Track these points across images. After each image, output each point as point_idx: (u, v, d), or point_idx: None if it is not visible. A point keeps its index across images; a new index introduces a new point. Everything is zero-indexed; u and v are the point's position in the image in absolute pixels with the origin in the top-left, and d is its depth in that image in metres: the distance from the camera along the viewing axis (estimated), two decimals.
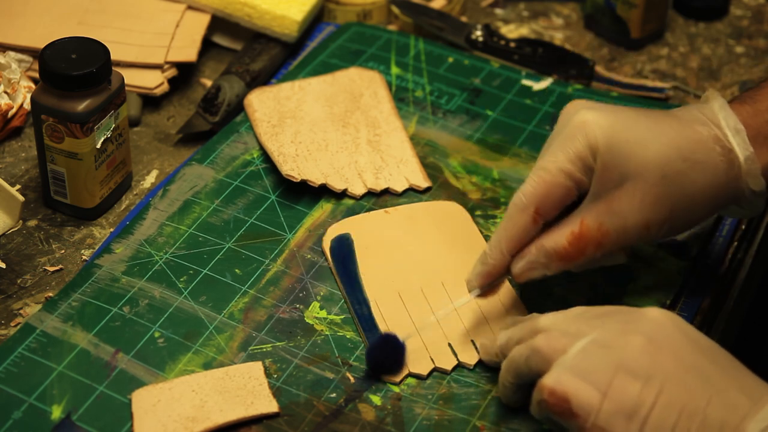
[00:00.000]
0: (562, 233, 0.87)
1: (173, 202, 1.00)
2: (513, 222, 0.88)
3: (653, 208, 0.87)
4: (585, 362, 0.77)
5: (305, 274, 0.95)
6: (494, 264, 0.89)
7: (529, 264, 0.88)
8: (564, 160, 0.86)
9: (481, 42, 1.20)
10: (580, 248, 0.87)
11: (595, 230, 0.87)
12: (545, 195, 0.87)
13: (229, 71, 1.13)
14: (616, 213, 0.86)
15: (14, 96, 1.07)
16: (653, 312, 0.79)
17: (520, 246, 0.88)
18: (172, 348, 0.89)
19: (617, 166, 0.86)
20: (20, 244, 0.98)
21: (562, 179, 0.86)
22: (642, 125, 0.87)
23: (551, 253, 0.88)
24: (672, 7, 1.29)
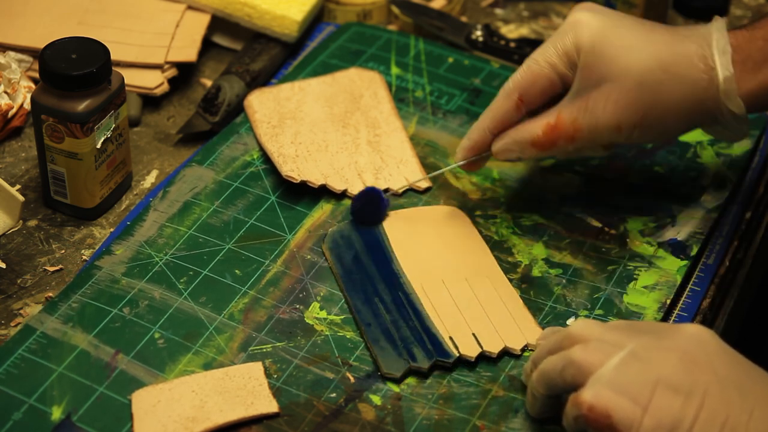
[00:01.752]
0: (539, 122, 0.94)
1: (173, 204, 1.00)
2: (498, 105, 0.96)
3: (626, 111, 0.92)
4: (624, 376, 0.76)
5: (305, 275, 0.95)
6: (477, 140, 0.97)
7: (506, 145, 0.96)
8: (552, 54, 0.94)
9: (481, 42, 1.20)
10: (552, 139, 0.94)
11: (569, 124, 0.93)
12: (530, 83, 0.94)
13: (229, 71, 1.13)
14: (590, 110, 0.92)
15: (14, 96, 1.07)
16: (690, 327, 0.79)
17: (502, 128, 0.96)
18: (172, 349, 0.89)
19: (598, 66, 0.91)
20: (20, 244, 0.98)
21: (547, 71, 0.94)
22: (632, 33, 0.92)
23: (526, 138, 0.95)
24: (672, 7, 1.28)
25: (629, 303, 0.94)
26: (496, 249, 0.98)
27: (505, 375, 0.89)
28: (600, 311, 0.93)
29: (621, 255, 0.98)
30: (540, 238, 0.99)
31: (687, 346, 0.77)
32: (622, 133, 0.93)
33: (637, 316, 0.93)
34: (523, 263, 0.97)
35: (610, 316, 0.93)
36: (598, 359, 0.77)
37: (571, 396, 0.78)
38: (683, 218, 1.01)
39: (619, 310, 0.93)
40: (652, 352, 0.77)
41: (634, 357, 0.77)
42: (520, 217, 1.01)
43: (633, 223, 1.01)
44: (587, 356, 0.78)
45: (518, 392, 0.87)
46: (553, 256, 0.98)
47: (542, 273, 0.97)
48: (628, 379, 0.76)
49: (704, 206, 1.02)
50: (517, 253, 0.98)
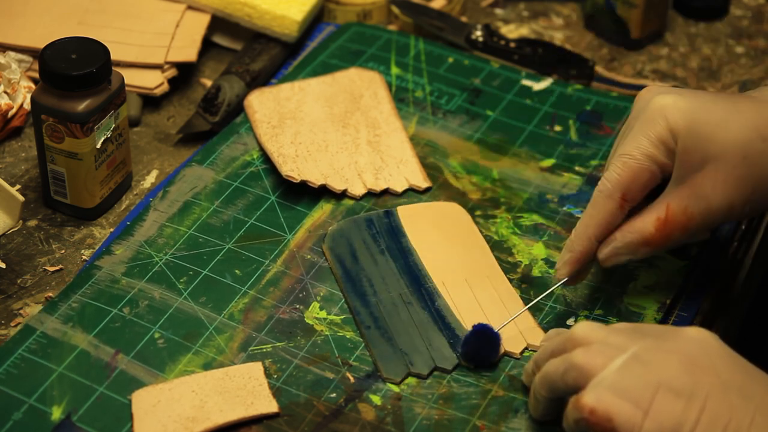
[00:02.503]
0: (648, 219, 0.89)
1: (173, 204, 1.00)
2: (599, 209, 0.90)
3: (736, 189, 0.88)
4: (625, 379, 0.76)
5: (305, 275, 0.95)
6: (581, 251, 0.91)
7: (615, 250, 0.90)
8: (647, 145, 0.88)
9: (481, 42, 1.20)
10: (666, 233, 0.89)
11: (681, 214, 0.88)
12: (631, 180, 0.89)
13: (229, 71, 1.13)
14: (700, 196, 0.88)
15: (14, 96, 1.07)
16: (692, 331, 0.78)
17: (607, 232, 0.90)
18: (172, 349, 0.89)
19: (698, 148, 0.87)
20: (20, 244, 0.98)
21: (647, 164, 0.88)
22: (720, 107, 0.88)
23: (639, 239, 0.89)
24: (672, 7, 1.29)
25: (629, 303, 0.94)
26: (496, 249, 0.98)
27: (505, 375, 0.89)
28: (600, 311, 0.93)
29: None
30: (540, 238, 0.99)
31: (689, 349, 0.77)
32: (734, 212, 0.89)
33: (638, 316, 0.93)
34: (523, 263, 0.97)
35: (610, 317, 0.93)
36: (600, 362, 0.77)
37: (572, 398, 0.78)
38: None
39: (619, 310, 0.93)
40: (654, 355, 0.77)
41: (636, 360, 0.77)
42: (520, 217, 1.01)
43: None
44: (589, 359, 0.78)
45: (518, 392, 0.87)
46: (553, 256, 0.98)
47: (542, 273, 0.97)
48: (630, 383, 0.76)
49: None
50: (517, 253, 0.98)
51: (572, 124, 1.11)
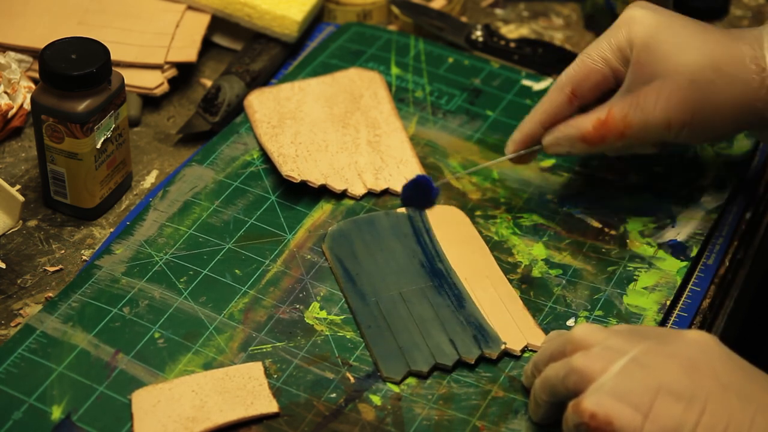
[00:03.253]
0: (589, 117, 0.95)
1: (173, 203, 1.00)
2: (550, 98, 0.96)
3: (676, 109, 0.92)
4: (625, 383, 0.76)
5: (305, 275, 0.95)
6: (528, 132, 0.98)
7: (556, 138, 0.97)
8: (605, 49, 0.94)
9: (481, 42, 1.20)
10: (602, 134, 0.94)
11: (619, 120, 0.93)
12: (583, 77, 0.95)
13: (229, 71, 1.13)
14: (641, 107, 0.92)
15: (14, 96, 1.07)
16: (693, 333, 0.79)
17: (554, 122, 0.97)
18: (172, 348, 0.89)
19: (650, 63, 0.92)
20: (20, 244, 0.98)
21: (601, 65, 0.94)
22: (686, 31, 0.93)
23: (576, 133, 0.95)
24: (672, 8, 1.28)
25: (629, 304, 0.94)
26: (496, 249, 0.98)
27: (505, 376, 0.89)
28: (600, 312, 0.93)
29: (621, 256, 0.98)
30: (540, 239, 0.99)
31: (689, 352, 0.77)
32: (671, 131, 0.93)
33: (637, 317, 0.93)
34: (523, 264, 0.97)
35: (610, 317, 0.93)
36: (600, 366, 0.77)
37: (572, 403, 0.78)
38: (683, 219, 1.01)
39: (619, 311, 0.93)
40: (654, 358, 0.77)
41: (635, 363, 0.77)
42: (520, 217, 1.01)
43: (633, 223, 1.01)
44: (589, 363, 0.78)
45: (518, 393, 0.87)
46: (553, 257, 0.98)
47: (542, 273, 0.97)
48: (630, 386, 0.76)
49: (704, 207, 1.02)
50: (517, 254, 0.98)
51: None
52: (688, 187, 1.04)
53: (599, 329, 0.80)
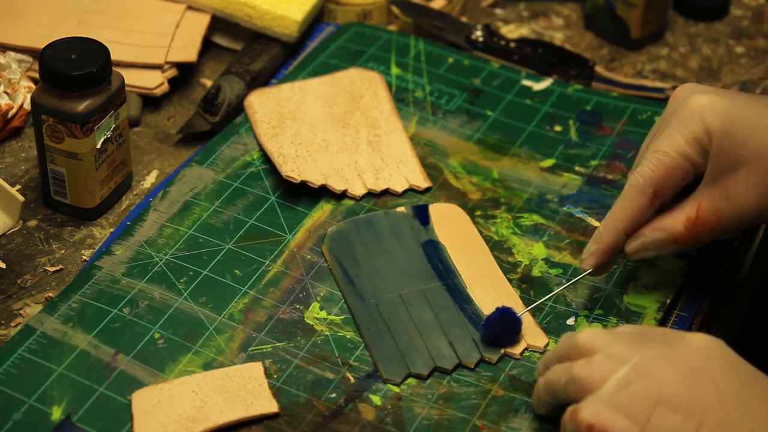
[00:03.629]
0: (678, 217, 0.90)
1: (173, 204, 1.00)
2: (630, 203, 0.90)
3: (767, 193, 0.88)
4: (623, 394, 0.76)
5: (305, 275, 0.95)
6: (609, 243, 0.91)
7: (643, 246, 0.91)
8: (682, 143, 0.88)
9: (481, 42, 1.20)
10: (695, 233, 0.90)
11: (711, 215, 0.89)
12: (664, 177, 0.89)
13: (229, 71, 1.13)
14: (731, 198, 0.88)
15: (14, 96, 1.07)
16: (697, 338, 0.78)
17: (636, 226, 0.91)
18: (172, 349, 0.89)
19: (733, 150, 0.87)
20: (20, 244, 0.98)
21: (681, 161, 0.89)
22: (757, 111, 0.89)
23: (667, 237, 0.90)
24: (672, 7, 1.29)
25: (629, 303, 0.94)
26: (496, 249, 0.98)
27: (505, 375, 0.89)
28: (600, 311, 0.93)
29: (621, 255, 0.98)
30: (540, 238, 0.99)
31: (691, 359, 0.77)
32: (764, 215, 0.89)
33: (637, 316, 0.93)
34: (523, 263, 0.97)
35: (610, 316, 0.93)
36: (600, 376, 0.77)
37: (571, 409, 0.78)
38: None
39: (619, 309, 0.93)
40: (655, 367, 0.76)
41: (636, 373, 0.76)
42: (520, 217, 1.01)
43: None
44: (589, 373, 0.78)
45: (518, 392, 0.87)
46: (553, 256, 0.98)
47: (542, 273, 0.97)
48: (628, 397, 0.76)
49: None
50: (517, 253, 0.98)
51: (572, 124, 1.11)
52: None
53: (604, 334, 0.80)
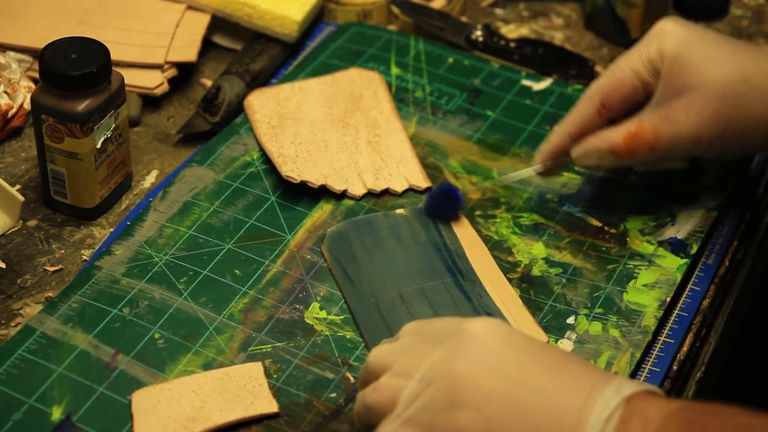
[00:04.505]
0: (620, 130, 0.94)
1: (173, 204, 1.00)
2: (579, 109, 0.96)
3: (707, 122, 0.91)
4: (414, 407, 0.75)
5: (305, 275, 0.95)
6: (556, 144, 0.97)
7: (585, 151, 0.96)
8: (636, 61, 0.94)
9: (481, 42, 1.20)
10: (632, 147, 0.94)
11: (650, 133, 0.92)
12: (613, 89, 0.94)
13: (229, 71, 1.14)
14: (671, 120, 0.92)
15: (14, 96, 1.07)
16: (476, 326, 0.76)
17: (583, 133, 0.96)
18: (172, 349, 0.89)
19: (681, 76, 0.91)
20: (20, 244, 0.98)
21: (631, 77, 0.94)
22: (717, 44, 0.92)
23: (606, 145, 0.94)
24: (672, 7, 1.29)
25: (629, 301, 0.94)
26: (496, 249, 0.98)
27: None
28: (600, 310, 0.93)
29: (621, 254, 0.98)
30: (540, 238, 0.99)
31: (474, 353, 0.75)
32: (702, 145, 0.92)
33: (638, 314, 0.93)
34: (523, 263, 0.97)
35: (610, 315, 0.93)
36: (389, 398, 0.76)
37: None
38: (683, 217, 1.01)
39: (619, 308, 0.93)
40: (440, 372, 0.75)
41: (423, 384, 0.75)
42: (520, 216, 1.01)
43: (633, 222, 1.01)
44: (378, 398, 0.77)
45: None
46: (553, 256, 0.98)
47: (542, 272, 0.97)
48: (419, 409, 0.75)
49: (704, 205, 1.02)
50: (516, 253, 0.98)
51: None
52: (688, 186, 1.04)
53: (388, 351, 0.79)
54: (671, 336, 0.93)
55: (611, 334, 0.91)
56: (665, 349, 0.92)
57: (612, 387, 0.73)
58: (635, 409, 0.71)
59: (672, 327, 0.93)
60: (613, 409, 0.71)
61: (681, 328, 0.93)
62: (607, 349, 0.90)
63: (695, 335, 0.94)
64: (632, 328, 0.92)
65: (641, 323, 0.92)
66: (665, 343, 0.92)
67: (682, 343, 0.93)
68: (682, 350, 0.93)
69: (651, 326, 0.92)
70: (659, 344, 0.92)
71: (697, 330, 0.95)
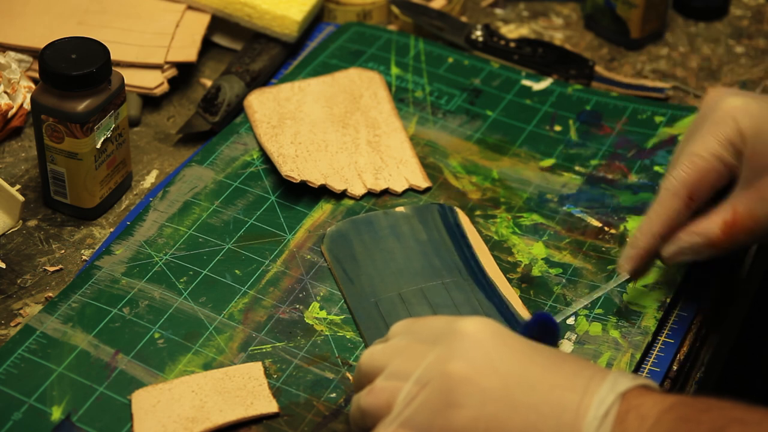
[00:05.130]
0: (714, 221, 0.89)
1: (173, 204, 1.00)
2: (665, 206, 0.90)
3: None
4: (411, 409, 0.75)
5: (305, 275, 0.95)
6: (645, 247, 0.91)
7: (680, 250, 0.90)
8: (715, 145, 0.88)
9: (481, 42, 1.20)
10: (732, 236, 0.89)
11: (748, 218, 0.88)
12: (698, 180, 0.89)
13: (229, 71, 1.14)
14: (766, 200, 0.88)
15: (14, 96, 1.07)
16: (468, 326, 0.76)
17: (671, 230, 0.90)
18: (172, 349, 0.89)
19: (766, 152, 0.87)
20: (20, 244, 0.98)
21: (715, 164, 0.88)
22: None
23: (703, 241, 0.89)
24: (672, 7, 1.29)
25: (629, 302, 0.94)
26: (496, 249, 0.98)
27: None
28: (600, 310, 0.93)
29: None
30: (540, 238, 0.99)
31: (468, 353, 0.75)
32: None
33: (637, 315, 0.93)
34: (523, 263, 0.97)
35: (610, 315, 0.93)
36: (385, 400, 0.76)
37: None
38: None
39: (619, 309, 0.93)
40: (436, 373, 0.75)
41: (419, 386, 0.75)
42: (520, 217, 1.01)
43: (633, 222, 1.01)
44: (374, 401, 0.77)
45: None
46: (553, 256, 0.98)
47: (542, 272, 0.97)
48: (415, 411, 0.75)
49: None
50: (517, 253, 0.98)
51: (572, 124, 1.11)
52: None
53: (381, 352, 0.79)
54: (671, 336, 0.93)
55: (611, 335, 0.91)
56: (665, 349, 0.92)
57: (607, 383, 0.73)
58: (631, 405, 0.72)
59: (672, 327, 0.93)
60: (609, 405, 0.72)
61: (681, 328, 0.93)
62: (607, 349, 0.90)
63: (695, 335, 0.94)
64: (632, 328, 0.92)
65: (641, 324, 0.92)
66: (665, 343, 0.92)
67: (682, 343, 0.93)
68: (682, 350, 0.93)
69: (651, 327, 0.92)
70: (659, 344, 0.92)
71: (697, 330, 0.95)
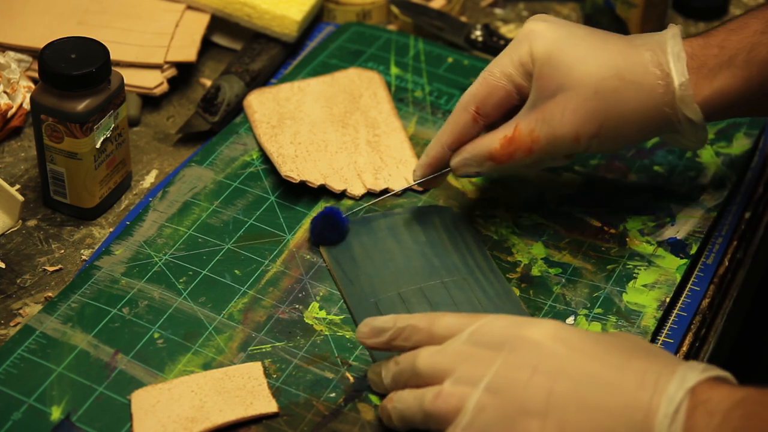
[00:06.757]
0: (496, 135, 0.93)
1: (172, 204, 1.00)
2: (455, 119, 0.94)
3: (583, 121, 0.90)
4: (482, 419, 0.75)
5: (304, 275, 0.95)
6: (434, 156, 0.96)
7: (464, 160, 0.94)
8: (507, 65, 0.92)
9: (481, 42, 1.20)
10: (509, 151, 0.92)
11: (526, 136, 0.91)
12: (486, 95, 0.93)
13: (228, 71, 1.14)
14: (547, 122, 0.91)
15: (14, 96, 1.07)
16: (538, 330, 0.77)
17: (460, 143, 0.95)
18: (172, 349, 0.89)
19: (553, 77, 0.90)
20: (20, 244, 0.98)
21: (503, 82, 0.92)
22: (587, 42, 0.91)
23: (484, 152, 0.93)
24: (672, 7, 1.29)
25: (629, 302, 0.94)
26: (496, 249, 0.98)
27: None
28: (599, 310, 0.93)
29: (620, 254, 0.98)
30: (539, 238, 0.99)
31: (537, 357, 0.76)
32: (580, 143, 0.91)
33: (637, 315, 0.93)
34: (522, 263, 0.97)
35: (610, 315, 0.93)
36: (453, 406, 0.76)
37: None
38: (682, 217, 1.01)
39: (619, 308, 0.93)
40: (506, 381, 0.75)
41: (489, 393, 0.76)
42: (519, 216, 1.01)
43: (632, 222, 1.01)
44: (442, 406, 0.77)
45: None
46: (553, 256, 0.98)
47: (542, 272, 0.97)
48: (487, 422, 0.75)
49: (703, 205, 1.02)
50: (516, 253, 0.98)
51: None
52: (687, 186, 1.04)
53: (443, 354, 0.79)
54: (671, 336, 0.93)
55: None
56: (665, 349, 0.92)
57: (676, 378, 0.73)
58: (699, 401, 0.72)
59: (671, 327, 0.94)
60: (678, 402, 0.72)
61: (680, 328, 0.93)
62: None
63: (695, 335, 0.95)
64: (632, 328, 0.92)
65: (641, 323, 0.92)
66: (665, 343, 0.92)
67: (682, 343, 0.93)
68: (681, 350, 0.93)
69: (650, 326, 0.92)
70: (659, 344, 0.92)
71: (697, 330, 0.95)
